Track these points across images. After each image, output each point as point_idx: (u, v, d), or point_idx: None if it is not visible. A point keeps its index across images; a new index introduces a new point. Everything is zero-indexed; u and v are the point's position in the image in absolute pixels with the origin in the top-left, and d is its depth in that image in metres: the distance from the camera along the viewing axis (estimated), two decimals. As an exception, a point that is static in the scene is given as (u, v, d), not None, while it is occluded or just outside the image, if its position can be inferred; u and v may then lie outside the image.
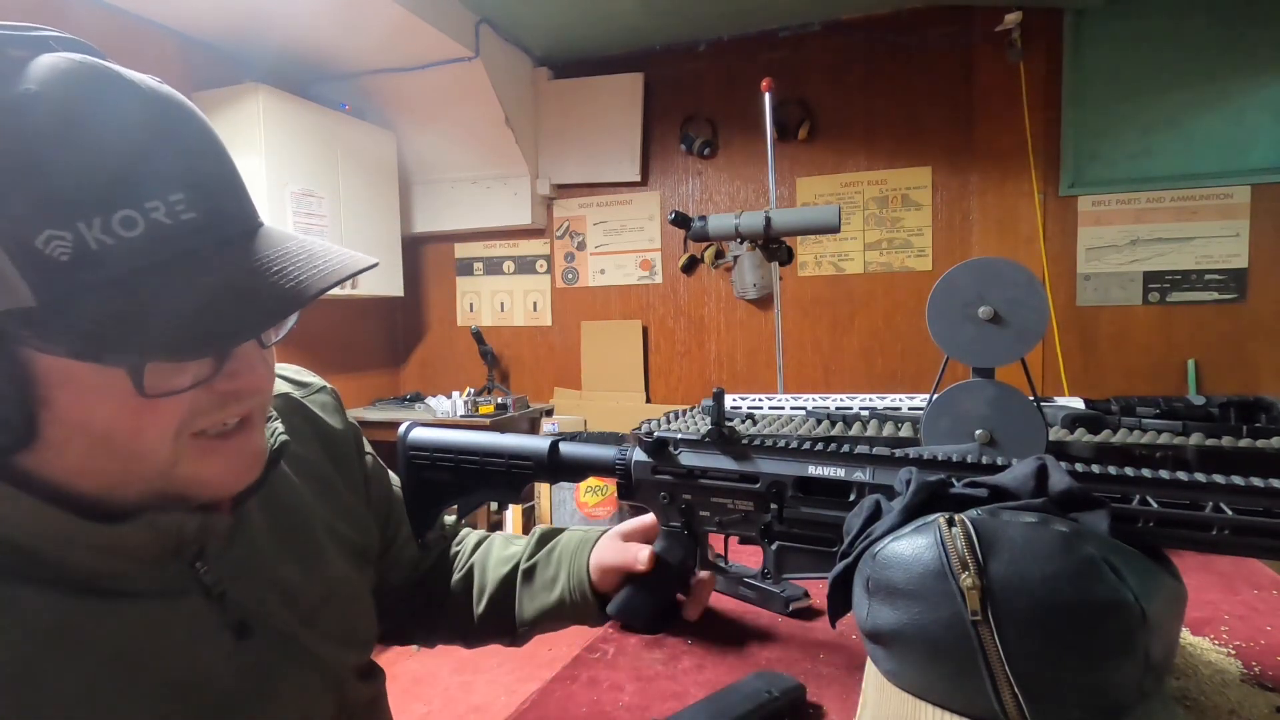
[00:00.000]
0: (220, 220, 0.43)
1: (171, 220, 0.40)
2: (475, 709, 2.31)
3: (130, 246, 0.38)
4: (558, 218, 4.00)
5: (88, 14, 2.62)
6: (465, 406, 3.52)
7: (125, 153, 0.39)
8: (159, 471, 0.46)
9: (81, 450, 0.44)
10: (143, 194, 0.39)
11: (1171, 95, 3.00)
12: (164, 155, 0.40)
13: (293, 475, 0.63)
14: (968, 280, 0.80)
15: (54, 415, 0.42)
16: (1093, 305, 3.18)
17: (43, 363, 0.40)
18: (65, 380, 0.41)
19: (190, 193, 0.40)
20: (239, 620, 0.53)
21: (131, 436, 0.43)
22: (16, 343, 0.39)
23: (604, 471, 0.73)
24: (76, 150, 0.37)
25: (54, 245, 0.37)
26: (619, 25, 3.45)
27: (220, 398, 0.46)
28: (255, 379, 0.47)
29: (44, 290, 0.37)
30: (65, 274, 0.37)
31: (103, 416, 0.42)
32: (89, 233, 0.37)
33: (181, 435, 0.45)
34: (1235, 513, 0.45)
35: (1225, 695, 0.57)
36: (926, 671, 0.43)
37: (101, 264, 0.38)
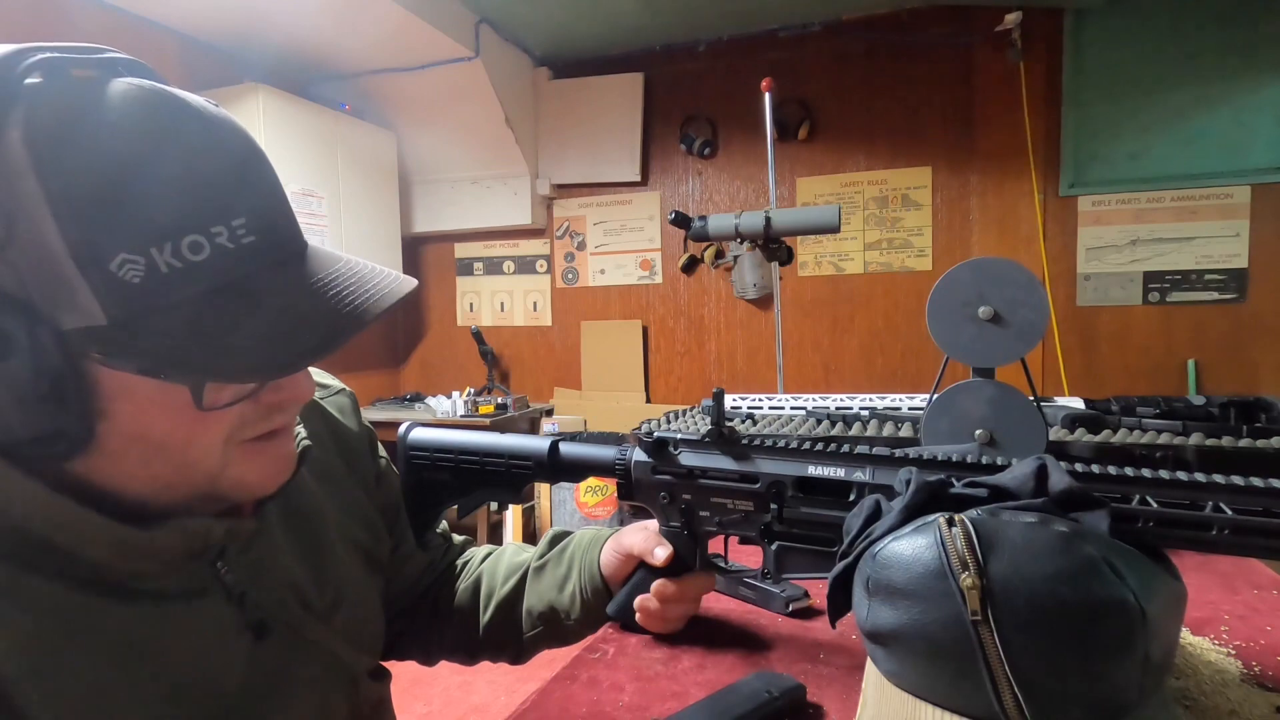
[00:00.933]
0: (276, 242, 0.44)
1: (234, 245, 0.41)
2: (475, 709, 2.31)
3: (197, 270, 0.40)
4: (558, 218, 4.00)
5: (88, 14, 2.62)
6: (465, 406, 3.52)
7: (194, 181, 0.40)
8: (208, 477, 0.48)
9: (136, 459, 0.45)
10: (209, 220, 0.40)
11: (1171, 95, 3.00)
12: (227, 182, 0.42)
13: (308, 477, 0.65)
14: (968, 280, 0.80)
15: (112, 426, 0.43)
16: (1093, 305, 3.18)
17: (106, 377, 0.42)
18: (126, 394, 0.42)
19: (249, 217, 0.42)
20: (259, 620, 0.54)
21: (185, 446, 0.45)
22: (83, 358, 0.40)
23: (604, 472, 0.73)
24: (151, 179, 0.39)
25: (127, 269, 0.38)
26: (619, 25, 3.45)
27: (267, 409, 0.49)
28: (300, 392, 0.50)
29: (115, 310, 0.39)
30: (136, 296, 0.39)
31: (160, 428, 0.44)
32: (160, 257, 0.39)
33: (230, 443, 0.47)
34: (1235, 513, 0.45)
35: (1225, 695, 0.57)
36: (926, 671, 0.43)
37: (170, 287, 0.39)
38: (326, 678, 0.59)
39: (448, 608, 0.83)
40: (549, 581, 0.79)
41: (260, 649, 0.53)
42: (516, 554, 0.84)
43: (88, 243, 0.37)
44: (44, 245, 0.37)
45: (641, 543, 0.73)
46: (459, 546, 0.90)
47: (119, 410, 0.43)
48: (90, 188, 0.37)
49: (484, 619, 0.81)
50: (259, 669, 0.53)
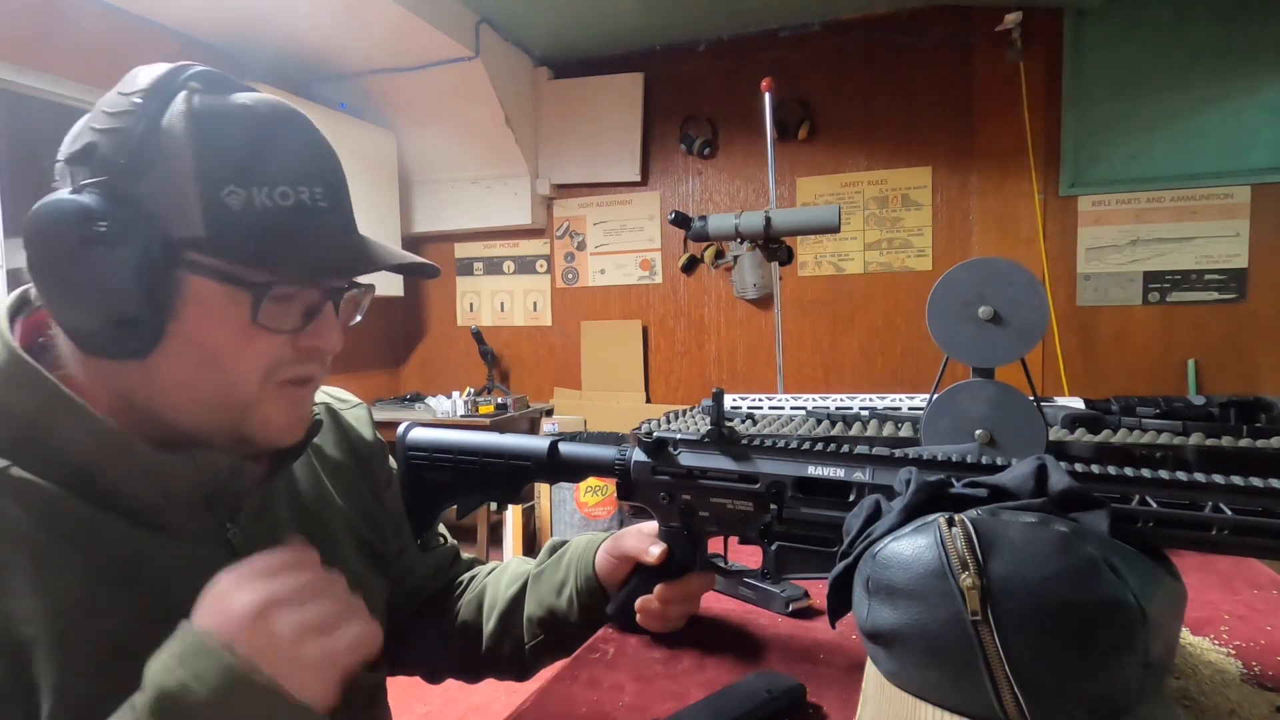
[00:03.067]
0: (341, 212, 0.58)
1: (311, 203, 0.54)
2: (475, 709, 2.31)
3: (280, 209, 0.52)
4: (558, 218, 4.00)
5: (88, 14, 2.62)
6: (465, 406, 3.52)
7: (290, 154, 0.54)
8: (241, 408, 0.55)
9: (189, 366, 0.53)
10: (297, 181, 0.53)
11: (1171, 95, 3.00)
12: (315, 164, 0.56)
13: (321, 473, 0.71)
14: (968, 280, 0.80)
15: (180, 328, 0.51)
16: (1093, 305, 3.18)
17: (188, 283, 0.51)
18: (199, 300, 0.51)
19: (325, 189, 0.55)
20: None
21: (233, 361, 0.53)
22: (176, 265, 0.50)
23: (603, 472, 0.73)
24: (262, 147, 0.52)
25: (231, 197, 0.50)
26: (619, 25, 3.45)
27: (301, 353, 0.57)
28: (330, 341, 0.58)
29: (213, 226, 0.50)
30: (231, 219, 0.50)
31: (217, 338, 0.52)
32: (257, 195, 0.51)
33: (268, 380, 0.55)
34: (1235, 513, 0.45)
35: (1225, 695, 0.57)
36: (926, 671, 0.43)
37: (259, 217, 0.51)
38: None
39: (452, 621, 0.84)
40: (547, 587, 0.79)
41: None
42: (519, 565, 0.85)
43: (209, 174, 0.50)
44: (179, 173, 0.49)
45: (636, 544, 0.73)
46: (466, 562, 0.91)
47: (189, 314, 0.51)
48: (221, 141, 0.51)
49: (487, 629, 0.81)
50: None
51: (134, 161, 0.49)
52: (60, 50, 2.53)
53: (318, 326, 0.57)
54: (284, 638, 0.45)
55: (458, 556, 0.91)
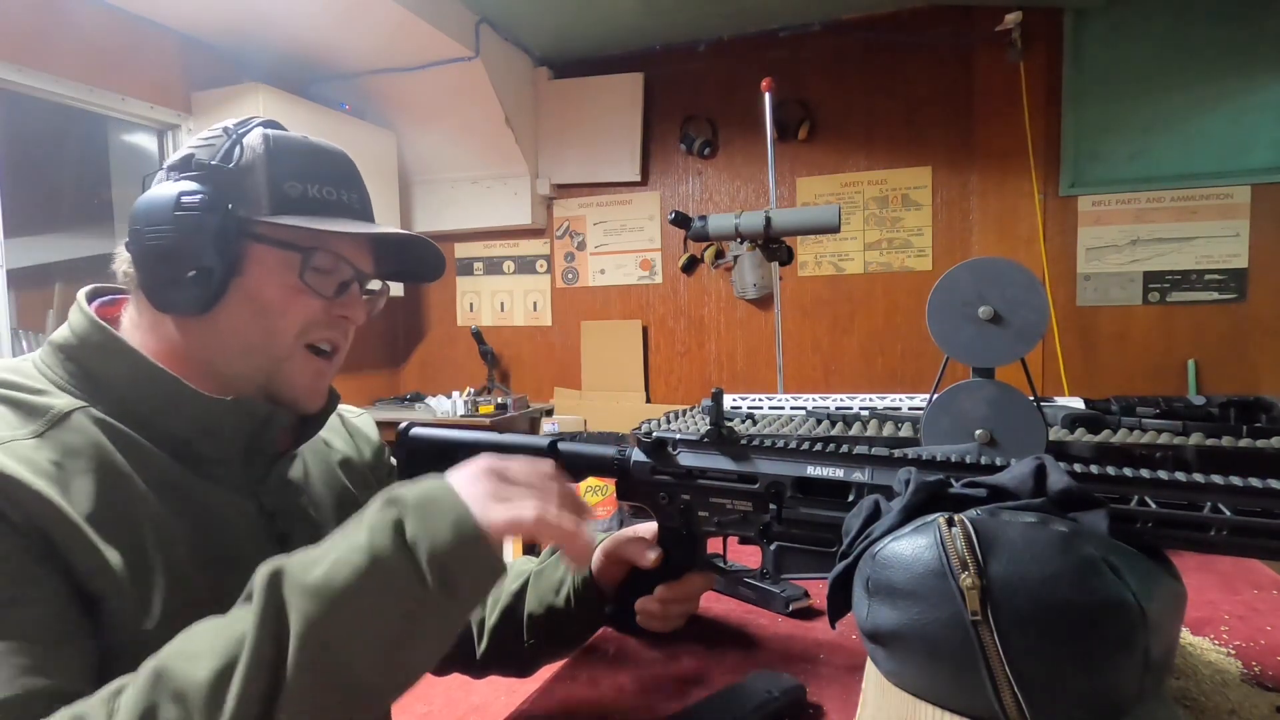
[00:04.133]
0: (368, 212, 0.72)
1: (347, 201, 0.69)
2: (475, 709, 2.31)
3: (325, 200, 0.67)
4: (558, 218, 4.00)
5: (88, 14, 2.62)
6: (465, 406, 3.52)
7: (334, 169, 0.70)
8: (277, 358, 0.67)
9: (246, 315, 0.65)
10: (337, 185, 0.69)
11: (1171, 95, 3.00)
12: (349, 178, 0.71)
13: (334, 464, 0.80)
14: (968, 280, 0.80)
15: (241, 284, 0.64)
16: (1093, 305, 3.18)
17: (251, 250, 0.65)
18: (259, 262, 0.65)
19: (358, 196, 0.71)
20: (283, 532, 0.68)
21: (280, 314, 0.66)
22: (245, 235, 0.64)
23: (603, 471, 0.73)
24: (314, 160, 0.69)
25: (290, 187, 0.66)
26: (619, 25, 3.44)
27: (331, 320, 0.68)
28: (355, 312, 0.70)
29: (275, 206, 0.65)
30: (290, 201, 0.65)
31: (271, 292, 0.65)
32: (309, 189, 0.67)
33: (300, 338, 0.67)
34: (1234, 513, 0.45)
35: (1225, 695, 0.57)
36: (926, 671, 0.43)
37: (310, 202, 0.66)
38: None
39: None
40: (546, 585, 0.80)
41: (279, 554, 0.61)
42: (523, 564, 0.86)
43: (276, 171, 0.65)
44: (254, 170, 0.65)
45: (632, 547, 0.74)
46: None
47: (251, 271, 0.65)
48: (285, 152, 0.67)
49: (489, 625, 0.82)
50: None
51: (221, 163, 0.64)
52: (60, 50, 2.53)
53: (347, 300, 0.69)
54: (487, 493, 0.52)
55: None
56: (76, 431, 0.58)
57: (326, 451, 0.80)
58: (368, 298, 0.74)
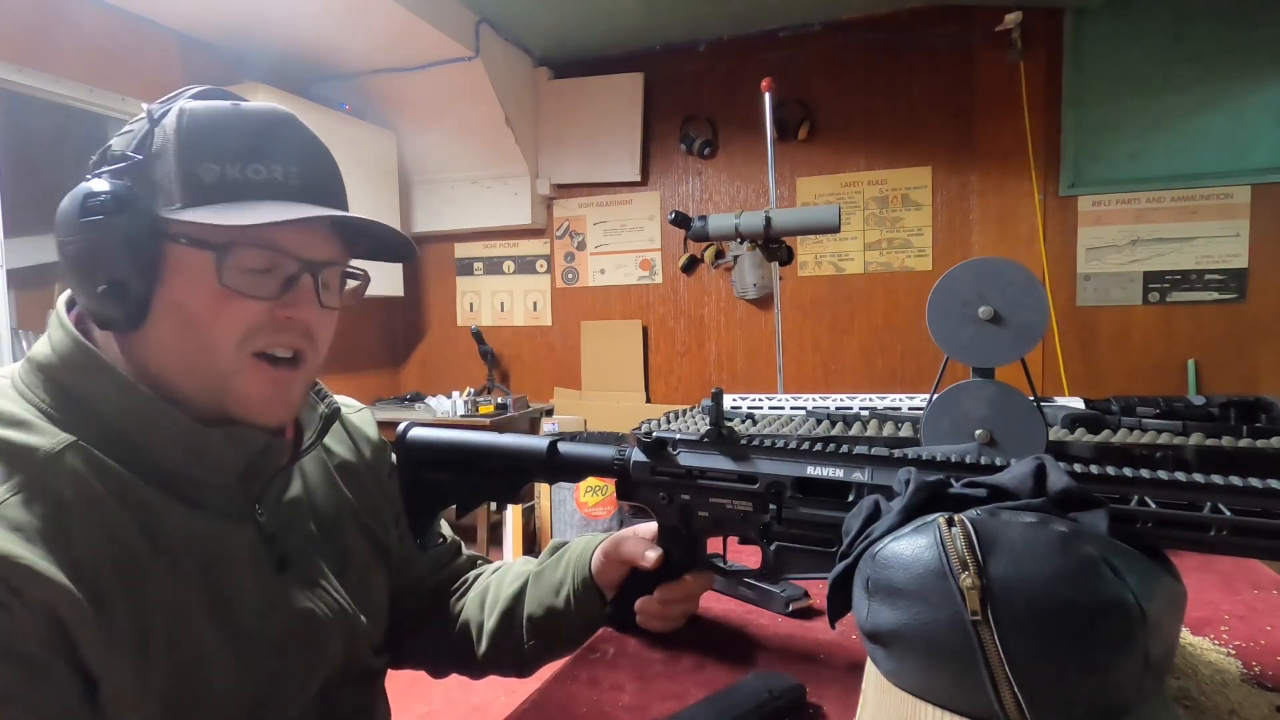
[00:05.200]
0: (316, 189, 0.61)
1: (284, 179, 0.59)
2: (475, 709, 2.31)
3: (250, 182, 0.57)
4: (558, 218, 4.00)
5: (88, 14, 2.62)
6: (465, 406, 3.52)
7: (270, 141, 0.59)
8: (221, 374, 0.58)
9: (174, 332, 0.57)
10: (271, 161, 0.58)
11: (1171, 95, 3.00)
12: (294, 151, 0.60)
13: (331, 469, 0.75)
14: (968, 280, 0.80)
15: (163, 293, 0.57)
16: (1093, 305, 3.18)
17: (171, 253, 0.56)
18: (179, 268, 0.57)
19: (301, 170, 0.60)
20: (282, 555, 0.64)
21: (208, 325, 0.57)
22: (161, 236, 0.56)
23: (603, 471, 0.73)
24: (241, 134, 0.58)
25: (205, 171, 0.56)
26: (619, 25, 3.44)
27: (277, 323, 0.59)
28: (306, 315, 0.60)
29: (187, 196, 0.55)
30: (204, 189, 0.56)
31: (195, 301, 0.57)
32: (229, 169, 0.56)
33: (243, 347, 0.58)
34: (1234, 513, 0.45)
35: (1225, 695, 0.57)
36: (926, 671, 0.43)
37: (229, 186, 0.57)
38: (329, 619, 0.66)
39: (455, 617, 0.85)
40: (546, 587, 0.80)
41: (280, 582, 0.63)
42: (522, 565, 0.86)
43: (188, 153, 0.56)
44: (166, 156, 0.56)
45: (632, 548, 0.74)
46: (469, 560, 0.92)
47: (171, 280, 0.57)
48: (203, 127, 0.57)
49: (488, 626, 0.82)
50: (276, 599, 0.62)
51: (136, 152, 0.57)
52: (60, 50, 2.53)
53: (293, 297, 0.60)
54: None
55: (459, 552, 0.92)
56: (66, 478, 0.52)
57: (324, 458, 0.76)
58: (350, 286, 0.66)
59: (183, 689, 0.54)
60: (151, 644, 0.53)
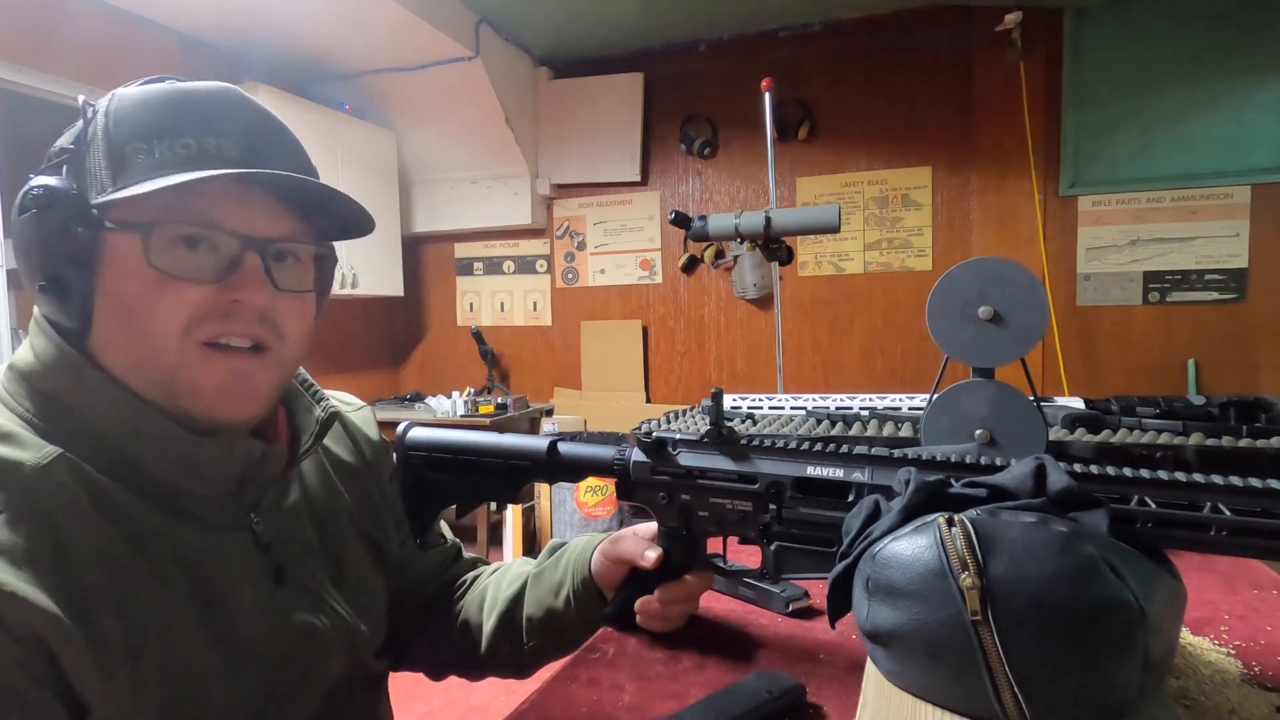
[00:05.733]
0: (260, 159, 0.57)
1: (216, 151, 0.55)
2: (475, 709, 2.31)
3: (177, 157, 0.54)
4: (558, 218, 4.00)
5: (88, 14, 2.62)
6: (465, 406, 3.52)
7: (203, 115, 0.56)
8: (168, 368, 0.55)
9: (117, 326, 0.55)
10: (203, 135, 0.55)
11: (1171, 95, 3.00)
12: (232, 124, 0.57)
13: (330, 471, 0.74)
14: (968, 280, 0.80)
15: (101, 287, 0.54)
16: (1093, 305, 3.18)
17: (105, 242, 0.54)
18: (113, 257, 0.54)
19: (236, 141, 0.56)
20: (279, 566, 0.62)
21: (147, 314, 0.54)
22: (94, 225, 0.53)
23: (603, 471, 0.73)
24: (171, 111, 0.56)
25: (133, 153, 0.54)
26: (619, 25, 3.45)
27: (223, 308, 0.56)
28: (255, 298, 0.56)
29: (115, 179, 0.53)
30: (132, 170, 0.53)
31: (128, 287, 0.54)
32: (158, 147, 0.54)
33: (189, 336, 0.55)
34: (1234, 513, 0.45)
35: (1225, 695, 0.57)
36: (926, 671, 0.43)
37: (156, 165, 0.54)
38: (328, 630, 0.65)
39: (454, 619, 0.85)
40: (545, 587, 0.79)
41: (278, 594, 0.62)
42: (521, 566, 0.86)
43: (118, 137, 0.54)
44: (96, 143, 0.54)
45: (632, 547, 0.74)
46: (469, 561, 0.92)
47: (106, 272, 0.54)
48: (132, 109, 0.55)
49: (487, 628, 0.81)
50: (274, 613, 0.61)
51: (74, 146, 0.55)
52: (60, 50, 2.53)
53: (238, 279, 0.55)
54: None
55: (459, 554, 0.92)
56: (52, 494, 0.50)
57: (322, 460, 0.74)
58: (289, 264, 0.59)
59: (181, 704, 0.53)
60: (145, 660, 0.51)
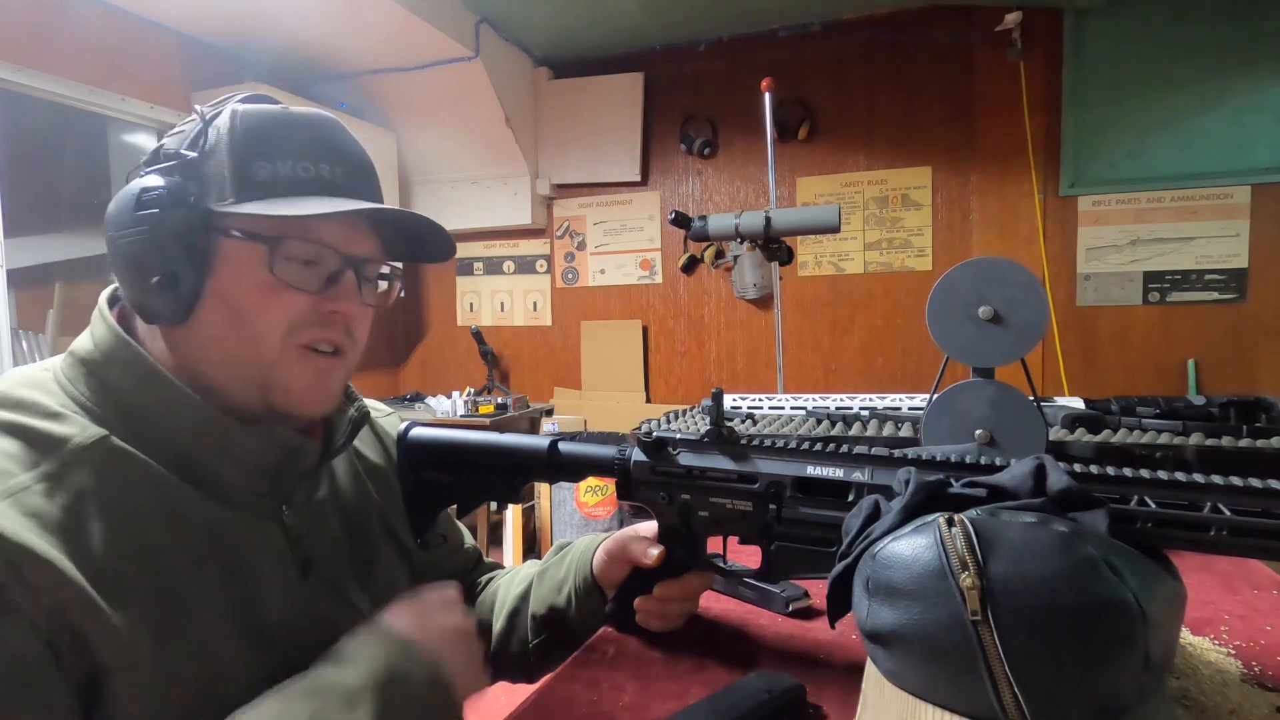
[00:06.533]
0: (359, 188, 0.64)
1: (330, 177, 0.62)
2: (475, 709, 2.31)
3: (300, 179, 0.60)
4: (558, 218, 4.00)
5: (88, 14, 2.62)
6: (465, 406, 3.52)
7: (317, 141, 0.63)
8: (265, 364, 0.60)
9: (222, 321, 0.59)
10: (319, 160, 0.62)
11: (1171, 95, 3.00)
12: (338, 152, 0.64)
13: (361, 472, 0.76)
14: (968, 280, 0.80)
15: (215, 286, 0.59)
16: (1093, 305, 3.18)
17: (221, 246, 0.59)
18: (230, 260, 0.59)
19: (346, 170, 0.63)
20: (307, 558, 0.64)
21: (256, 315, 0.59)
22: (213, 230, 0.58)
23: (603, 471, 0.73)
24: (290, 133, 0.62)
25: (258, 169, 0.59)
26: (619, 25, 3.44)
27: (321, 317, 0.62)
28: (349, 309, 0.63)
29: (240, 191, 0.58)
30: (257, 184, 0.59)
31: (245, 292, 0.59)
32: (280, 167, 0.59)
33: (289, 338, 0.61)
34: (1234, 513, 0.45)
35: (1225, 695, 0.57)
36: (926, 671, 0.43)
37: (280, 183, 0.59)
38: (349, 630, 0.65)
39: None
40: (549, 585, 0.80)
41: (304, 586, 0.63)
42: (529, 567, 0.87)
43: (242, 151, 0.59)
44: (220, 154, 0.59)
45: (634, 546, 0.74)
46: (486, 566, 0.93)
47: (221, 271, 0.59)
48: (255, 128, 0.60)
49: (496, 628, 0.82)
50: (299, 605, 0.62)
51: (189, 150, 0.59)
52: (60, 50, 2.53)
53: (337, 292, 0.62)
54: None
55: (480, 559, 0.93)
56: (92, 469, 0.53)
57: (354, 461, 0.76)
58: (382, 286, 0.69)
59: (203, 681, 0.54)
60: (169, 635, 0.53)
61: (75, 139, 3.21)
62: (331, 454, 0.68)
